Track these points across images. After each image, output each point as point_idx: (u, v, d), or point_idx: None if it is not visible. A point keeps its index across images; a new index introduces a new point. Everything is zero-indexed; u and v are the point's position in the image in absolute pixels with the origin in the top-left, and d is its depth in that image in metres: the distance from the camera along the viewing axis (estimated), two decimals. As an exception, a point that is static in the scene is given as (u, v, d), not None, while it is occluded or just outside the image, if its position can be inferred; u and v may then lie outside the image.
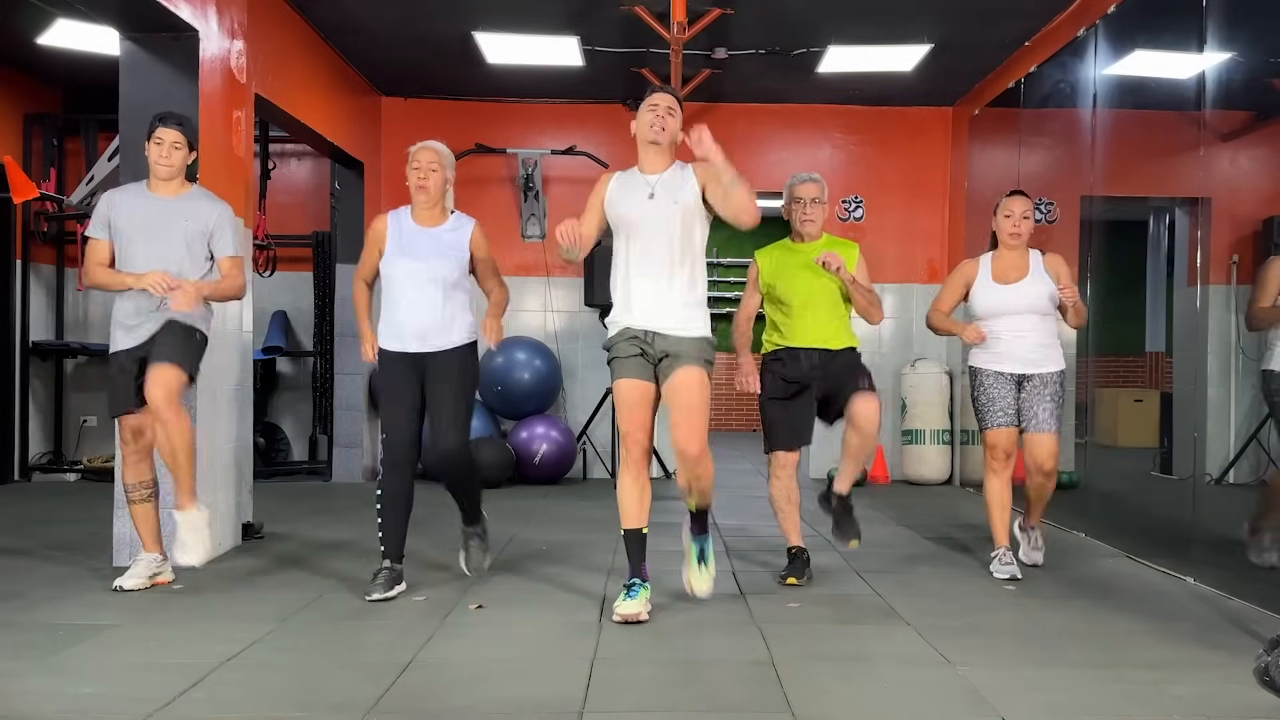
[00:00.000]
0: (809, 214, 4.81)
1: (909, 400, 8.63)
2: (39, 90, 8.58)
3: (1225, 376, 5.77)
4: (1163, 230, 7.41)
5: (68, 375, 8.77)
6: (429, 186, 4.49)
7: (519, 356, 8.30)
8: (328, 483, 8.27)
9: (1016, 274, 4.94)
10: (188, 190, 4.65)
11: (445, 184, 4.56)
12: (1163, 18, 5.57)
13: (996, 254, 5.03)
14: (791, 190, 4.86)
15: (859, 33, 7.13)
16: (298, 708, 3.06)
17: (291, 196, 9.02)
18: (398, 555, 4.50)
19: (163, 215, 4.54)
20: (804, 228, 4.83)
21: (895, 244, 8.97)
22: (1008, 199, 5.02)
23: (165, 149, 4.51)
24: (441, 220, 4.59)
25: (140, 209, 4.55)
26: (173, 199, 4.58)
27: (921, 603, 4.41)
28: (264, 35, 6.08)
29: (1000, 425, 4.92)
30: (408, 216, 4.59)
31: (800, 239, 4.87)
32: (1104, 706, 3.13)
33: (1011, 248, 4.97)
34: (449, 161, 4.58)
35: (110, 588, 4.46)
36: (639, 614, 3.99)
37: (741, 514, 6.87)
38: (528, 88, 8.55)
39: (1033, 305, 4.90)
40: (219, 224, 4.62)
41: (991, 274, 4.98)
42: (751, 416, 15.14)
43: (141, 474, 4.59)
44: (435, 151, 4.53)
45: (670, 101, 4.16)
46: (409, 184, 4.52)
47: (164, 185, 4.58)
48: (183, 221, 4.55)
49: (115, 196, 4.62)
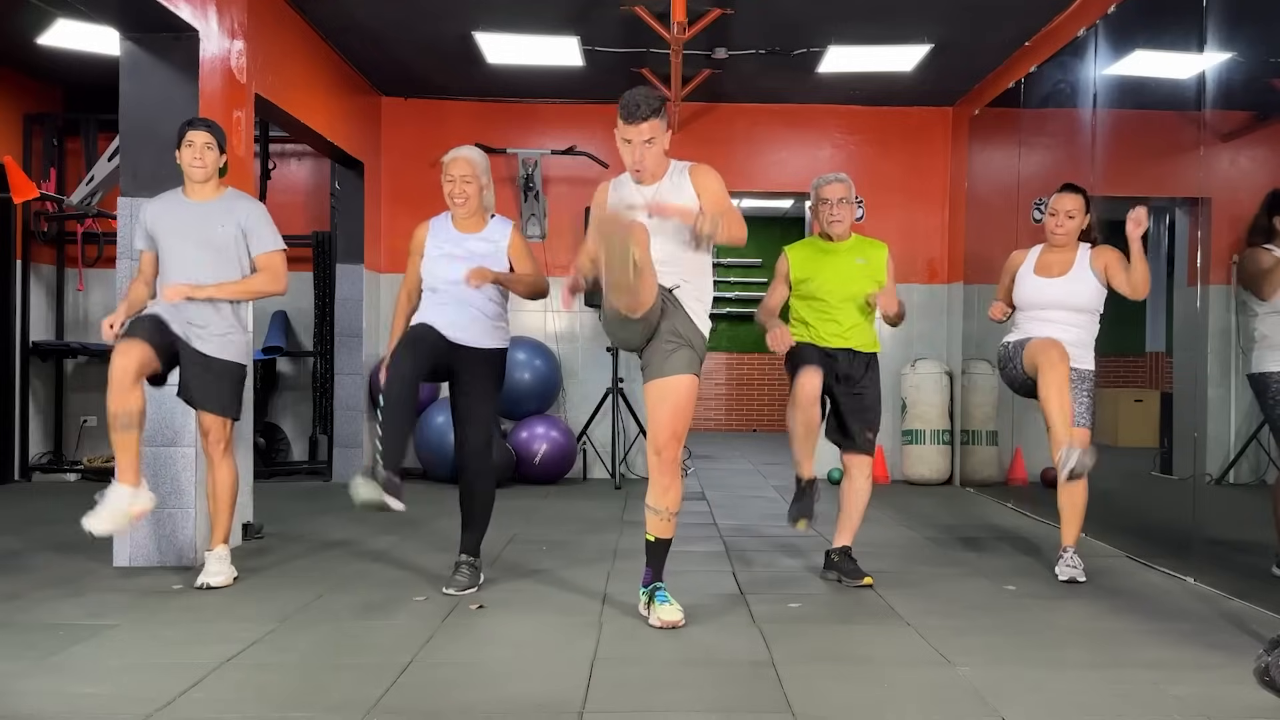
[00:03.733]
0: (836, 214, 4.79)
1: (909, 400, 8.63)
2: (39, 90, 8.58)
3: (1225, 376, 5.77)
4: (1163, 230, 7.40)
5: (68, 375, 8.77)
6: (468, 197, 4.51)
7: (519, 356, 8.29)
8: (328, 483, 8.27)
9: (1058, 269, 4.94)
10: (223, 192, 4.65)
11: (482, 191, 4.56)
12: (1163, 18, 5.57)
13: (1046, 247, 5.04)
14: (818, 191, 4.83)
15: (859, 33, 7.13)
16: (298, 708, 3.06)
17: (291, 196, 9.02)
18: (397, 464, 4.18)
19: (201, 220, 4.53)
20: (832, 228, 4.81)
21: (895, 244, 8.80)
22: (1057, 195, 5.02)
23: (197, 149, 4.50)
24: (481, 226, 4.60)
25: (178, 216, 4.54)
26: (209, 203, 4.57)
27: (921, 603, 4.41)
28: (264, 35, 6.08)
29: None
30: (449, 222, 4.61)
31: (829, 238, 4.86)
32: (1104, 706, 3.13)
33: (1056, 245, 4.98)
34: (484, 168, 4.58)
35: (113, 586, 4.47)
36: (679, 620, 3.94)
37: (741, 514, 6.87)
38: (528, 88, 8.55)
39: (1070, 303, 4.89)
40: (252, 218, 4.61)
41: (1035, 266, 4.99)
42: (751, 417, 15.15)
43: (130, 403, 4.22)
44: (469, 162, 4.52)
45: (649, 129, 3.84)
46: (445, 194, 4.53)
47: (199, 189, 4.57)
48: (219, 226, 4.55)
49: (153, 207, 4.62)
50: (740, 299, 14.20)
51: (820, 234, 4.89)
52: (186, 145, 4.51)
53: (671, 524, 4.05)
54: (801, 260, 4.86)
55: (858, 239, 4.89)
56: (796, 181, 8.84)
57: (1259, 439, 5.81)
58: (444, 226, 4.61)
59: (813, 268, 4.81)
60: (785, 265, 4.90)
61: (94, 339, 8.61)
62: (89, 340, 8.63)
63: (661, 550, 4.08)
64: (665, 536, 4.06)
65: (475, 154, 4.57)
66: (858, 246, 4.86)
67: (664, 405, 3.94)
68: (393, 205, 8.75)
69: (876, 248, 4.89)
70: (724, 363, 14.87)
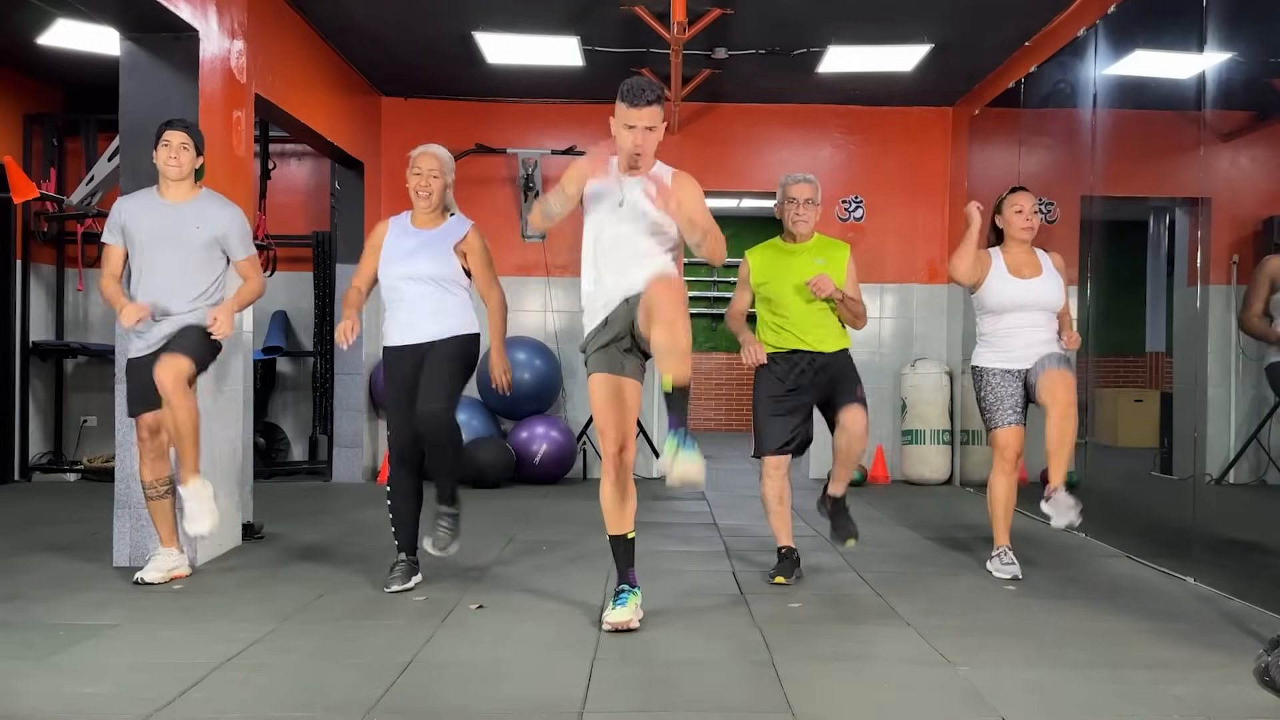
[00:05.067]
0: (801, 214, 4.81)
1: (909, 400, 8.63)
2: (39, 90, 8.57)
3: (1225, 376, 5.77)
4: (1163, 230, 7.40)
5: (68, 375, 8.77)
6: (431, 192, 4.55)
7: (519, 356, 8.29)
8: (328, 483, 8.27)
9: (1030, 270, 4.95)
10: (198, 194, 4.69)
11: (445, 189, 4.62)
12: (1163, 18, 5.56)
13: (1004, 248, 5.03)
14: (785, 190, 4.85)
15: (859, 33, 7.13)
16: (298, 708, 3.06)
17: (291, 196, 9.01)
18: (411, 547, 4.59)
19: (176, 222, 4.59)
20: (796, 228, 4.83)
21: (895, 244, 8.97)
22: (1014, 194, 5.04)
23: (174, 149, 4.56)
24: (440, 223, 4.64)
25: (152, 216, 4.59)
26: (184, 204, 4.62)
27: (921, 603, 4.41)
28: (264, 35, 6.08)
29: (1009, 424, 4.89)
30: (407, 220, 4.67)
31: (792, 239, 4.87)
32: (1104, 706, 3.13)
33: (1022, 242, 4.99)
34: (449, 166, 4.64)
35: (112, 586, 4.47)
36: (629, 622, 3.87)
37: (741, 514, 6.87)
38: (528, 88, 8.55)
39: (1044, 302, 4.92)
40: (230, 229, 4.70)
41: (1007, 268, 4.98)
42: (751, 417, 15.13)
43: (158, 472, 4.67)
44: (436, 158, 4.58)
45: (651, 115, 3.86)
46: (409, 187, 4.58)
47: (174, 189, 4.61)
48: (194, 228, 4.60)
49: (127, 204, 4.66)
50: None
51: (784, 233, 4.90)
52: (163, 145, 4.57)
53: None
54: (761, 264, 4.88)
55: (820, 239, 4.91)
56: (796, 181, 8.83)
57: (1259, 439, 5.81)
58: (403, 225, 4.65)
59: (772, 270, 4.83)
60: (746, 269, 4.93)
61: (94, 339, 8.62)
62: (89, 340, 8.63)
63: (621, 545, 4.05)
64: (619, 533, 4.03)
65: (442, 151, 4.64)
66: (818, 247, 4.87)
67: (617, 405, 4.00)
68: (393, 205, 8.71)
69: (838, 248, 4.91)
70: (724, 363, 14.86)
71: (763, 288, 4.85)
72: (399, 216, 4.71)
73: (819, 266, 4.78)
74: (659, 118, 3.89)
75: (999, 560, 4.91)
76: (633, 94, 3.84)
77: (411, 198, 4.59)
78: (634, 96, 3.84)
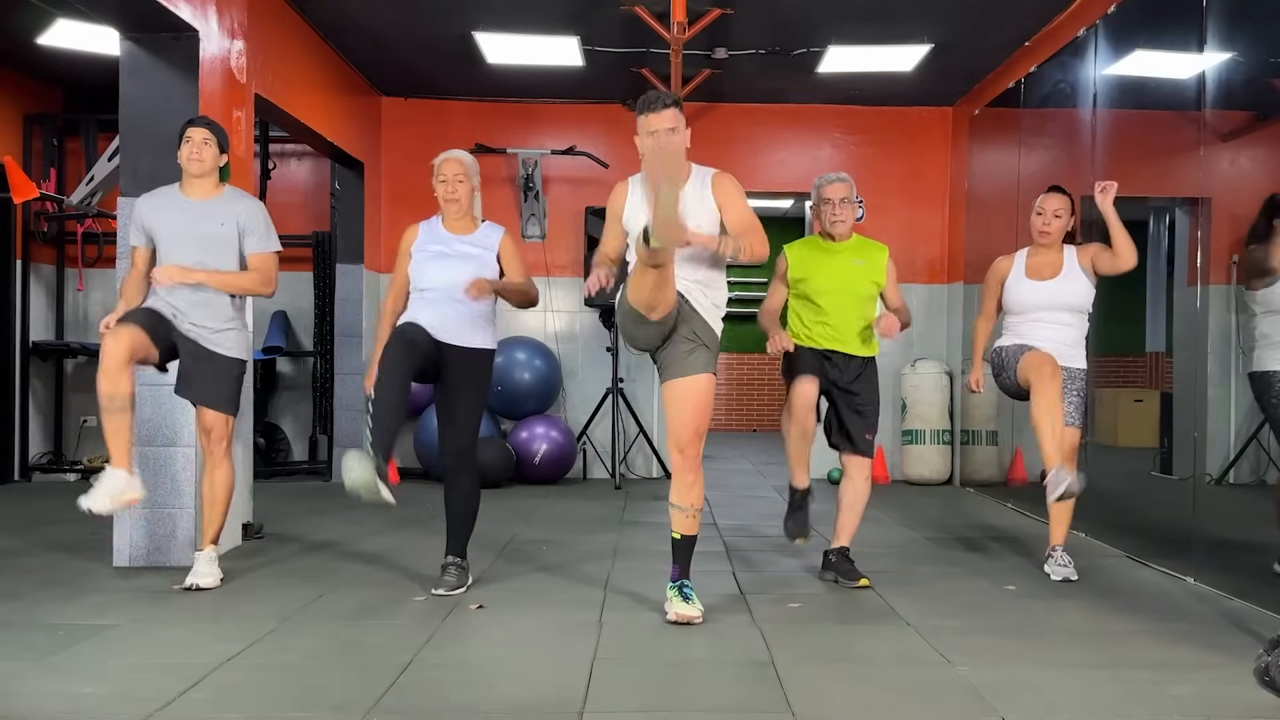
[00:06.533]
0: (838, 214, 4.77)
1: (909, 400, 8.63)
2: (39, 90, 8.57)
3: (1225, 376, 5.76)
4: (1163, 230, 7.40)
5: (68, 375, 8.77)
6: (459, 197, 4.54)
7: (519, 356, 8.29)
8: (328, 483, 8.27)
9: (1050, 271, 4.94)
10: (221, 191, 4.61)
11: (473, 191, 4.60)
12: (1163, 18, 5.56)
13: (1032, 249, 5.03)
14: (820, 191, 4.81)
15: (859, 33, 7.13)
16: (298, 708, 3.06)
17: (291, 196, 9.02)
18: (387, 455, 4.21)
19: (200, 218, 4.51)
20: (834, 228, 4.79)
21: (895, 244, 8.79)
22: (1043, 196, 5.02)
23: (195, 145, 4.49)
24: (472, 229, 4.62)
25: (174, 213, 4.52)
26: (207, 201, 4.55)
27: (921, 603, 4.41)
28: (264, 35, 6.08)
29: None
30: (439, 224, 4.62)
31: (830, 239, 4.84)
32: (1104, 706, 3.13)
33: (1043, 245, 4.98)
34: (474, 169, 4.62)
35: (112, 586, 4.47)
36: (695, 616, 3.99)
37: (741, 514, 6.87)
38: (528, 88, 8.55)
39: (1064, 303, 4.90)
40: (250, 219, 4.58)
41: (1025, 270, 4.97)
42: (751, 417, 15.15)
43: (121, 384, 4.31)
44: (460, 162, 4.57)
45: (671, 117, 3.97)
46: (437, 195, 4.56)
47: (197, 186, 4.54)
48: (219, 224, 4.53)
49: (149, 202, 4.58)
50: (740, 299, 14.19)
51: (822, 233, 4.88)
52: (185, 141, 4.51)
53: (696, 520, 4.10)
54: (800, 259, 4.84)
55: (859, 240, 4.87)
56: (796, 181, 8.83)
57: (1259, 439, 5.81)
58: (434, 228, 4.62)
59: (811, 267, 4.80)
60: (784, 264, 4.89)
61: (94, 339, 8.60)
62: (89, 340, 8.63)
63: (687, 547, 4.12)
64: (690, 533, 4.11)
65: (466, 156, 4.63)
66: (858, 248, 4.84)
67: (686, 404, 4.01)
68: (393, 205, 8.75)
69: (877, 250, 4.87)
70: (724, 363, 14.83)
71: (800, 284, 4.80)
72: (429, 221, 4.66)
73: (858, 267, 4.76)
74: (679, 120, 4.01)
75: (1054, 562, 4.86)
76: (648, 101, 3.98)
77: (440, 204, 4.57)
78: (650, 103, 3.97)
